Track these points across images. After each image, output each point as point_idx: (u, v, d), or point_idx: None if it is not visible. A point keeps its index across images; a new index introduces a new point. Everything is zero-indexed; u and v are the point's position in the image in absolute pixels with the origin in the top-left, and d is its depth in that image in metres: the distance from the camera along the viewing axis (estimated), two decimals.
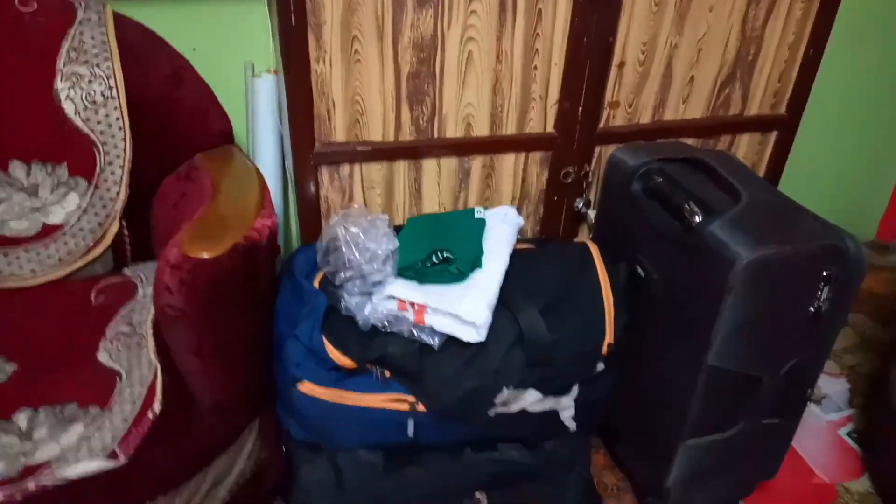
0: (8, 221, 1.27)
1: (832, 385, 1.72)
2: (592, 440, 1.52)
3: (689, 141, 1.48)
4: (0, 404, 1.00)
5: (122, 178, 1.29)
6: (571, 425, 1.24)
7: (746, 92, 1.47)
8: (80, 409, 1.04)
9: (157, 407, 1.05)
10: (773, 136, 1.55)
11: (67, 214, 1.29)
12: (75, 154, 1.27)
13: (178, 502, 1.07)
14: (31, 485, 0.91)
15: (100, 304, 1.28)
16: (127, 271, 1.35)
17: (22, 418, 0.99)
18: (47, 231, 1.29)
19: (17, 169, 1.25)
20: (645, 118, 1.43)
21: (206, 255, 0.97)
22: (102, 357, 1.14)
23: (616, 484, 1.44)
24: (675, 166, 1.24)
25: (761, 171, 1.60)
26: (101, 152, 1.27)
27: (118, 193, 1.30)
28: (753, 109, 1.50)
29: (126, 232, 1.34)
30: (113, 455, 0.97)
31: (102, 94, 1.25)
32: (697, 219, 1.09)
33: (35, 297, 1.27)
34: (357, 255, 1.11)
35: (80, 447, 0.98)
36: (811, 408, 1.64)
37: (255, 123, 1.46)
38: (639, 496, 1.40)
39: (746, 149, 1.55)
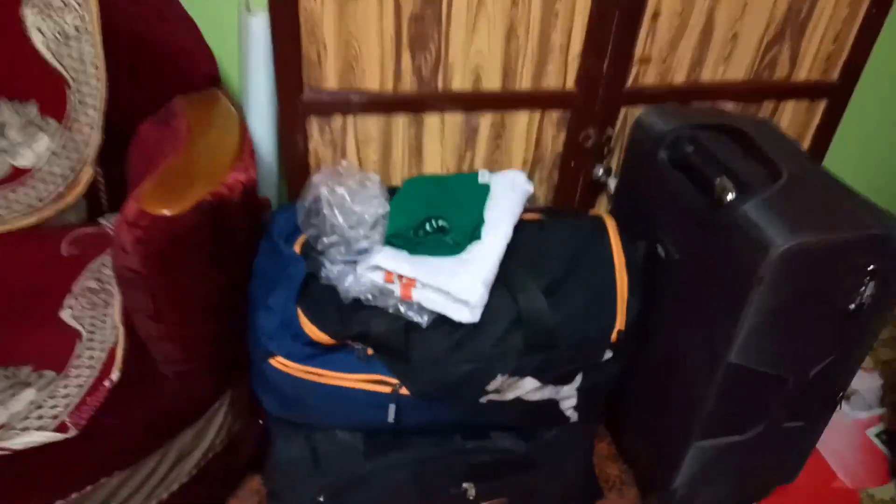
0: None
1: (863, 381, 1.58)
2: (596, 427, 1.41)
3: (728, 106, 1.32)
4: None
5: (95, 120, 1.19)
6: (573, 416, 1.13)
7: (796, 53, 1.30)
8: (35, 372, 0.97)
9: (114, 375, 0.96)
10: (822, 104, 1.39)
11: (37, 157, 1.19)
12: (45, 92, 1.17)
13: (137, 478, 0.99)
14: None
15: (70, 255, 1.20)
16: (102, 221, 1.26)
17: None
18: (16, 174, 1.20)
19: None
20: (679, 78, 1.27)
21: (165, 213, 0.86)
22: (65, 315, 1.06)
23: (619, 476, 1.34)
24: (709, 134, 1.10)
25: (806, 144, 1.44)
26: (73, 90, 1.17)
27: (91, 136, 1.19)
28: (802, 74, 1.33)
29: (101, 179, 1.25)
30: (62, 427, 0.89)
31: (75, 27, 1.13)
32: (730, 196, 0.95)
33: (1, 245, 1.19)
34: (341, 218, 1.00)
35: (28, 415, 0.90)
36: None
37: (248, 66, 1.32)
38: (642, 492, 1.30)
39: (791, 118, 1.39)
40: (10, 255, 1.17)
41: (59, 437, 0.89)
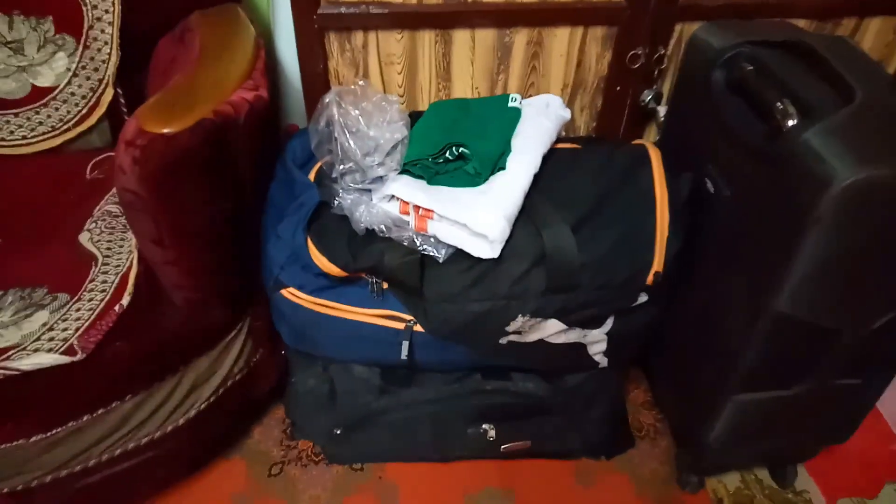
0: None
1: None
2: (633, 372, 1.34)
3: (800, 24, 1.16)
4: None
5: (112, 36, 1.14)
6: (602, 361, 1.06)
7: None
8: (49, 294, 0.96)
9: (125, 300, 0.95)
10: None
11: (57, 76, 1.17)
12: (60, 7, 1.13)
13: (151, 402, 0.99)
14: None
15: (94, 179, 1.18)
16: None
17: None
18: (37, 94, 1.18)
19: None
20: None
21: (164, 131, 0.82)
22: (83, 238, 1.05)
23: (653, 425, 1.27)
24: (772, 52, 0.96)
25: (892, 68, 1.25)
26: (88, 6, 1.12)
27: (109, 55, 1.16)
28: None
29: (123, 101, 1.22)
30: (70, 350, 0.89)
31: None
32: (791, 122, 0.83)
33: (26, 167, 1.19)
34: (353, 143, 0.93)
35: (39, 337, 0.90)
36: None
37: None
38: (676, 442, 1.23)
39: (875, 38, 1.21)
40: (35, 177, 1.17)
41: (66, 359, 0.88)
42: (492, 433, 1.10)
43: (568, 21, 1.11)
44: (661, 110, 1.19)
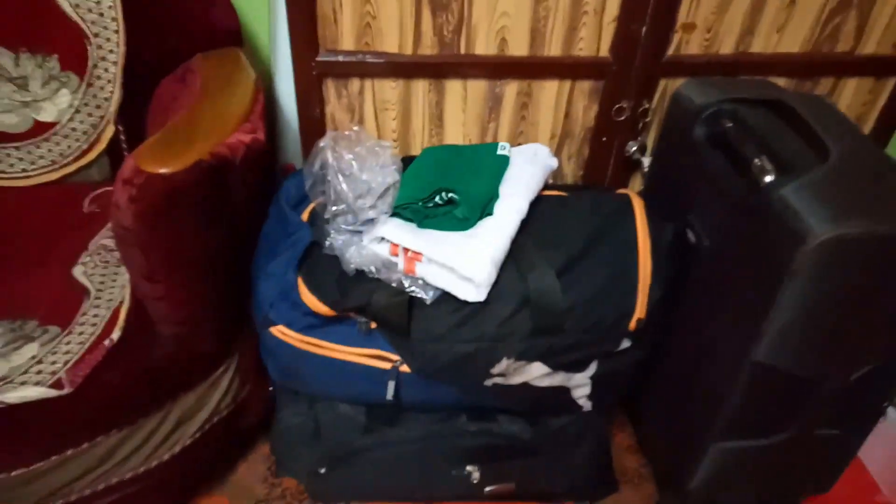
0: None
1: None
2: (618, 417, 1.35)
3: (780, 82, 1.20)
4: None
5: (115, 75, 1.18)
6: (586, 405, 1.07)
7: (863, 23, 1.16)
8: (40, 326, 0.97)
9: (115, 335, 0.96)
10: (890, 83, 1.25)
11: (60, 112, 1.20)
12: (65, 45, 1.16)
13: (137, 437, 0.99)
14: None
15: (91, 212, 1.20)
16: None
17: None
18: (39, 129, 1.20)
19: (3, 56, 1.16)
20: (726, 48, 1.16)
21: (161, 171, 0.84)
22: (77, 271, 1.06)
23: (637, 469, 1.27)
24: (752, 110, 1.00)
25: (867, 127, 1.30)
26: (93, 45, 1.16)
27: (112, 93, 1.19)
28: (869, 47, 1.20)
29: (123, 137, 1.24)
30: (57, 384, 0.89)
31: None
32: (768, 178, 0.86)
33: (25, 198, 1.21)
34: (345, 186, 0.95)
35: (27, 370, 0.90)
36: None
37: (276, 27, 1.29)
38: (660, 488, 1.23)
39: (852, 97, 1.26)
40: (33, 208, 1.19)
41: (53, 393, 0.88)
42: (476, 475, 1.10)
43: (556, 75, 1.15)
44: (646, 161, 1.23)
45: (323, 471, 1.11)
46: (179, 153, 0.86)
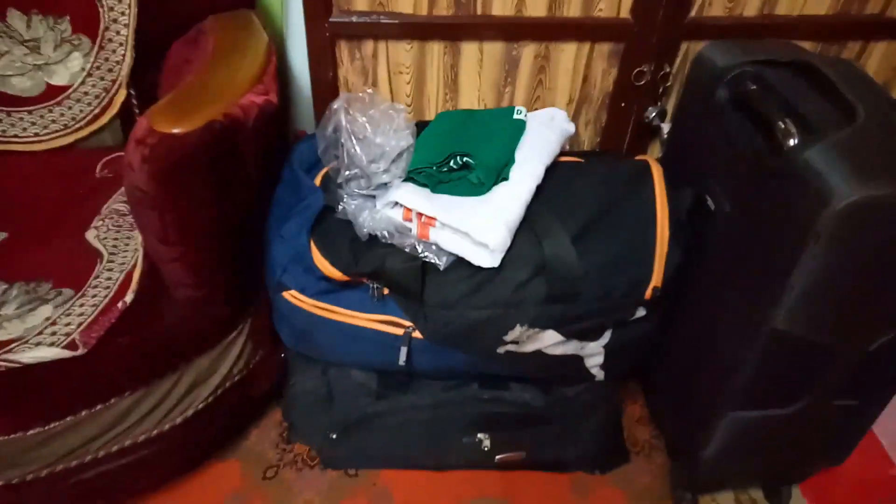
0: (9, 78, 1.18)
1: None
2: (630, 387, 1.34)
3: (806, 45, 1.17)
4: None
5: (127, 38, 1.16)
6: (598, 374, 1.06)
7: None
8: (54, 289, 0.97)
9: (128, 297, 0.96)
10: None
11: (72, 76, 1.19)
12: (77, 8, 1.15)
13: (150, 400, 1.00)
14: None
15: (103, 177, 1.20)
16: None
17: None
18: (51, 93, 1.20)
19: (15, 19, 1.14)
20: (750, 10, 1.13)
21: (174, 131, 0.83)
22: (90, 235, 1.06)
23: (648, 441, 1.27)
24: (777, 72, 0.97)
25: (895, 91, 1.27)
26: (105, 7, 1.14)
27: (124, 56, 1.18)
28: None
29: (135, 101, 1.23)
30: (72, 345, 0.90)
31: None
32: (792, 141, 0.84)
33: (38, 164, 1.21)
34: (359, 150, 0.94)
35: (42, 331, 0.91)
36: None
37: None
38: (671, 458, 1.22)
39: (881, 61, 1.22)
40: (46, 174, 1.19)
41: (67, 353, 0.89)
42: (486, 443, 1.10)
43: (575, 37, 1.12)
44: (665, 127, 1.20)
45: (335, 436, 1.11)
46: (192, 113, 0.85)
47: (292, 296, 0.97)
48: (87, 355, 0.90)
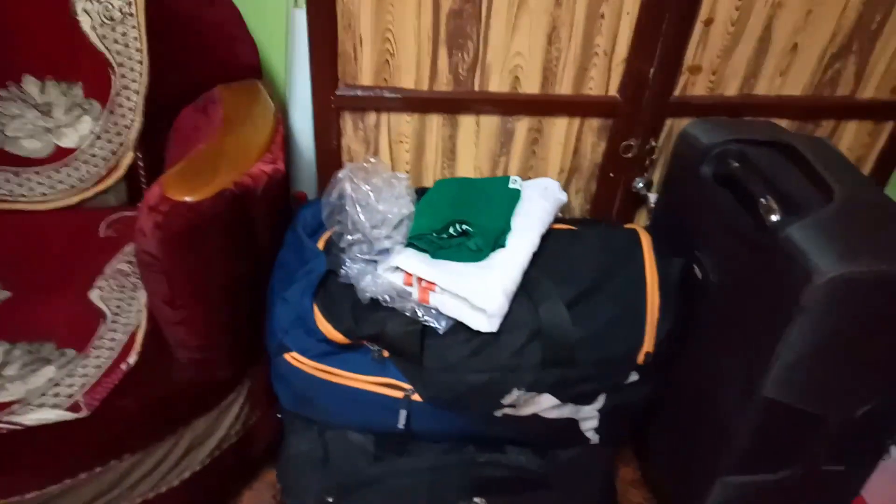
0: (20, 140, 1.21)
1: None
2: (623, 450, 1.35)
3: (783, 123, 1.24)
4: None
5: (137, 104, 1.20)
6: (593, 438, 1.08)
7: (862, 69, 1.21)
8: (57, 349, 0.98)
9: (132, 358, 0.97)
10: (888, 126, 1.29)
11: (81, 138, 1.22)
12: (90, 74, 1.19)
13: (148, 462, 1.00)
14: None
15: (107, 237, 1.22)
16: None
17: None
18: (60, 154, 1.23)
19: (30, 84, 1.19)
20: (731, 90, 1.20)
21: (187, 199, 0.86)
22: (93, 295, 1.07)
23: None
24: (757, 150, 1.03)
25: (867, 169, 1.34)
26: (117, 74, 1.19)
27: (133, 121, 1.21)
28: (868, 91, 1.24)
29: (141, 164, 1.27)
30: (75, 407, 0.90)
31: (121, 10, 1.15)
32: (774, 217, 0.89)
33: (43, 223, 1.23)
34: (363, 216, 0.98)
35: (45, 392, 0.91)
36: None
37: (293, 60, 1.33)
38: None
39: (852, 139, 1.30)
40: (50, 233, 1.20)
41: (70, 416, 0.89)
42: None
43: (566, 112, 1.19)
44: (652, 197, 1.26)
45: (331, 500, 1.11)
46: (205, 182, 0.89)
47: (293, 357, 0.99)
48: (89, 418, 0.90)
